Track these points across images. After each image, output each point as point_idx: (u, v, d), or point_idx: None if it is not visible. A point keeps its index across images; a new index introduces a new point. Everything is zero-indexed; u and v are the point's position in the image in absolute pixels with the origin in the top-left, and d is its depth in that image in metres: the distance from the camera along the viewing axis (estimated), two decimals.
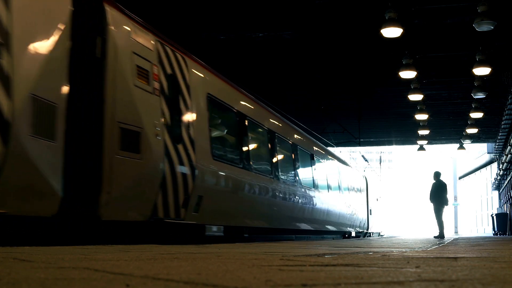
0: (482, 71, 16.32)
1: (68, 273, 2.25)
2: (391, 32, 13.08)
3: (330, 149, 22.96)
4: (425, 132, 26.19)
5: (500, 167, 33.87)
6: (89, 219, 6.61)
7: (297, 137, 15.89)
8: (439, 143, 36.46)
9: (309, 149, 16.96)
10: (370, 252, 4.85)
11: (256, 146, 12.84)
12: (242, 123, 11.41)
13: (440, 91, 22.46)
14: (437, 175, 18.02)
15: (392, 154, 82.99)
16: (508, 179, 31.94)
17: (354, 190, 23.59)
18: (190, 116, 8.76)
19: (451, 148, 40.12)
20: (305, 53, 17.47)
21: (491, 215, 35.85)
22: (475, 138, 31.44)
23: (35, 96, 5.61)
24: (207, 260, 3.19)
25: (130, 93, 7.12)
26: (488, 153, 39.33)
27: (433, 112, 23.99)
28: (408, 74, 16.64)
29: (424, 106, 22.34)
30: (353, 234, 23.81)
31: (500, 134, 28.01)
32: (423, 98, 20.48)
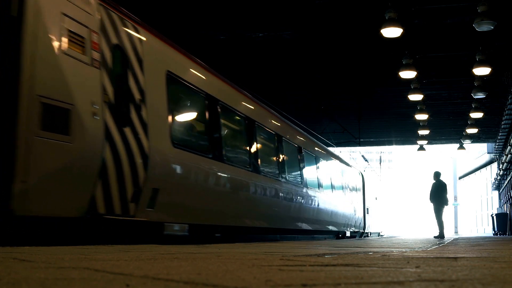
0: (482, 71, 16.32)
1: (68, 273, 2.25)
2: (391, 32, 13.09)
3: (324, 144, 21.95)
4: (425, 132, 26.19)
5: (500, 167, 33.87)
6: None
7: (281, 125, 14.34)
8: (439, 143, 36.47)
9: (296, 141, 15.48)
10: (370, 252, 4.85)
11: (230, 134, 11.47)
12: (213, 108, 9.99)
13: (440, 91, 22.47)
14: (437, 175, 18.03)
15: (392, 154, 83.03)
16: (508, 179, 31.94)
17: (349, 187, 22.35)
18: (142, 96, 7.46)
19: (451, 148, 40.16)
20: (305, 53, 17.48)
21: (491, 215, 35.86)
22: (475, 138, 31.45)
23: None
24: (207, 260, 3.19)
25: (57, 62, 5.96)
26: (488, 153, 39.34)
27: (433, 112, 24.01)
28: (408, 74, 16.65)
29: (424, 106, 22.35)
30: (348, 234, 22.43)
31: (500, 134, 28.01)
32: (423, 98, 20.49)
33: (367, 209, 26.59)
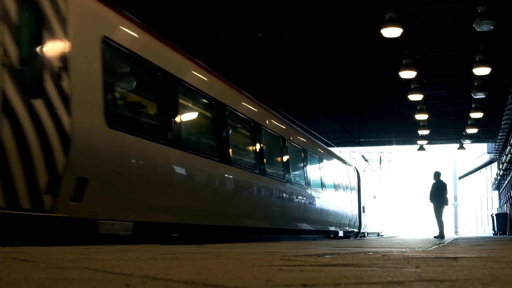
0: (482, 71, 16.33)
1: (68, 273, 2.25)
2: (391, 32, 13.09)
3: (324, 144, 21.05)
4: (425, 132, 26.21)
5: (500, 167, 33.88)
6: None
7: (260, 112, 12.54)
8: (439, 143, 36.49)
9: (279, 131, 13.68)
10: (370, 252, 4.85)
11: (195, 118, 9.85)
12: (170, 86, 8.42)
13: (440, 91, 22.48)
14: (437, 175, 18.04)
15: (392, 154, 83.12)
16: (508, 179, 31.94)
17: (343, 184, 20.84)
18: (64, 63, 6.11)
19: (451, 148, 40.18)
20: (305, 53, 17.48)
21: (491, 215, 35.87)
22: (475, 138, 31.47)
23: None
24: (207, 260, 3.19)
25: None
26: (488, 153, 39.35)
27: (433, 112, 24.02)
28: (408, 74, 16.66)
29: (424, 106, 22.36)
30: (341, 234, 20.73)
31: (500, 134, 28.02)
32: (423, 98, 20.50)
33: (363, 208, 25.28)
